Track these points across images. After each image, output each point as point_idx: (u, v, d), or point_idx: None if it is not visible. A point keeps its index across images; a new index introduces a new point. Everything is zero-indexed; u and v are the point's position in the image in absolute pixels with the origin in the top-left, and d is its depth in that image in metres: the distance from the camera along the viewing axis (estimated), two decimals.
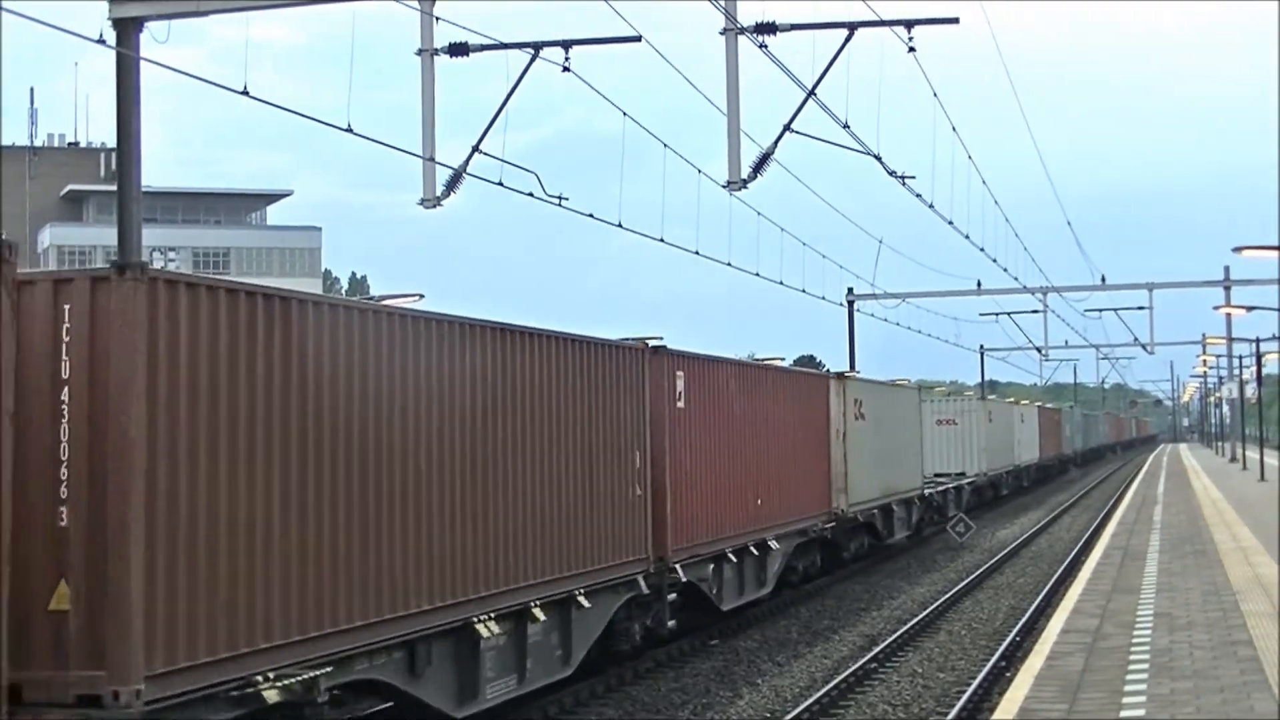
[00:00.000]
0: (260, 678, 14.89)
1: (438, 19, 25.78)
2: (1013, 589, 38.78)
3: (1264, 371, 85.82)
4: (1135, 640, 21.20)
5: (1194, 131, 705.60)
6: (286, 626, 15.44)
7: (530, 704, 22.32)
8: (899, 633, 30.39)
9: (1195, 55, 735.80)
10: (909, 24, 25.81)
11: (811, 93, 26.49)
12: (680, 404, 27.40)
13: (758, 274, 40.56)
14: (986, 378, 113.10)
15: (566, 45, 25.39)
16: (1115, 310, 74.17)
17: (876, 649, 28.34)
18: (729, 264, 36.35)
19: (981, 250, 47.83)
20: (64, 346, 13.76)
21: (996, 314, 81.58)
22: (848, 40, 26.21)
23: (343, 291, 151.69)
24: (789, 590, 36.46)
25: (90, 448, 13.60)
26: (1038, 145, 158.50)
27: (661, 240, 30.34)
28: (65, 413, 13.68)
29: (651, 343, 27.05)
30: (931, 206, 36.74)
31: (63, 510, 13.57)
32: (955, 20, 25.90)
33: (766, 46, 25.12)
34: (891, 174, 31.65)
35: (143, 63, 22.12)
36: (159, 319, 13.98)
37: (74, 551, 13.47)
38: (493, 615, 19.83)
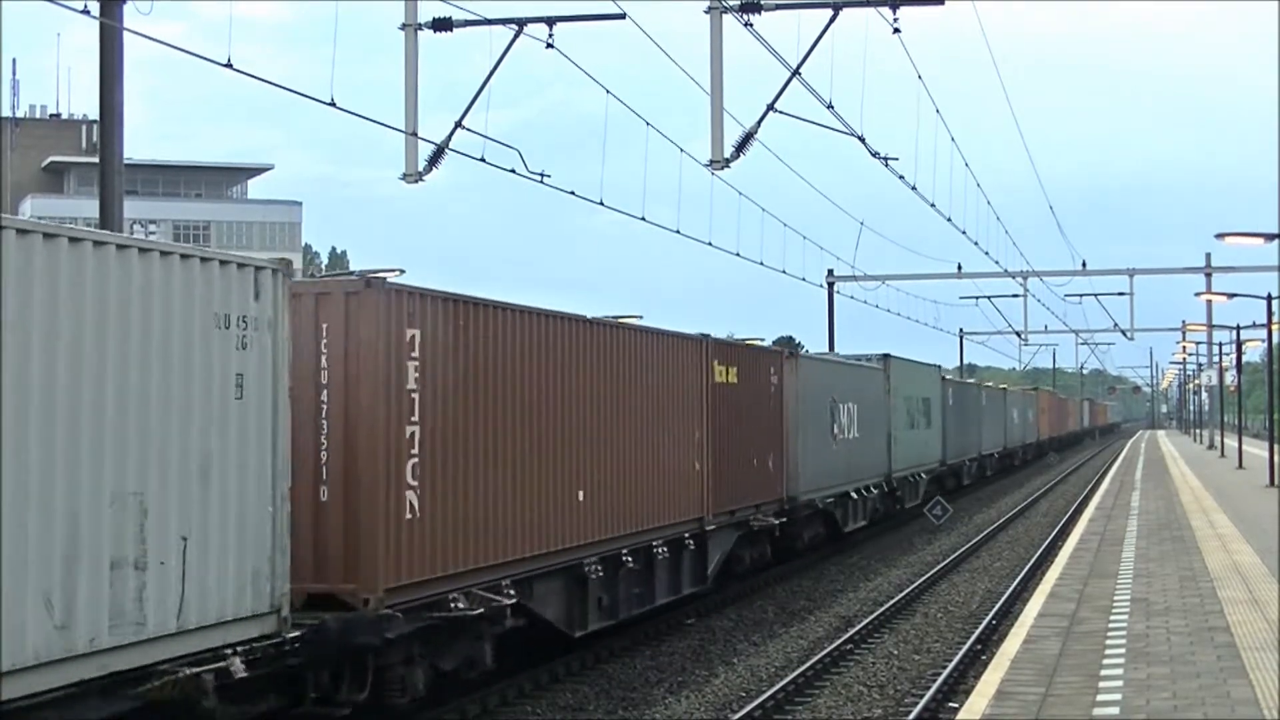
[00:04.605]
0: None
1: None
2: (989, 572, 38.81)
3: (1244, 359, 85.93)
4: (1112, 625, 21.20)
5: (1178, 119, 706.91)
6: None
7: (505, 681, 22.33)
8: (875, 614, 30.39)
9: (1181, 44, 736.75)
10: (894, 4, 25.75)
11: (796, 72, 26.44)
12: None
13: (738, 254, 40.53)
14: (966, 361, 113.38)
15: (550, 22, 25.35)
16: (1096, 295, 74.34)
17: (852, 630, 28.35)
18: (710, 244, 36.35)
19: (963, 233, 47.92)
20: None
21: (977, 297, 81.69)
22: (832, 20, 26.17)
23: (322, 266, 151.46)
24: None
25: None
26: (1021, 129, 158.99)
27: (643, 219, 30.33)
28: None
29: (630, 321, 27.13)
30: (914, 189, 36.73)
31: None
32: (940, 1, 25.85)
33: (751, 25, 25.08)
34: (874, 155, 31.61)
35: (126, 35, 21.99)
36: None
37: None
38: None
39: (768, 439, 34.37)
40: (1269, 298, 59.71)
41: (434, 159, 26.51)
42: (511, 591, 20.77)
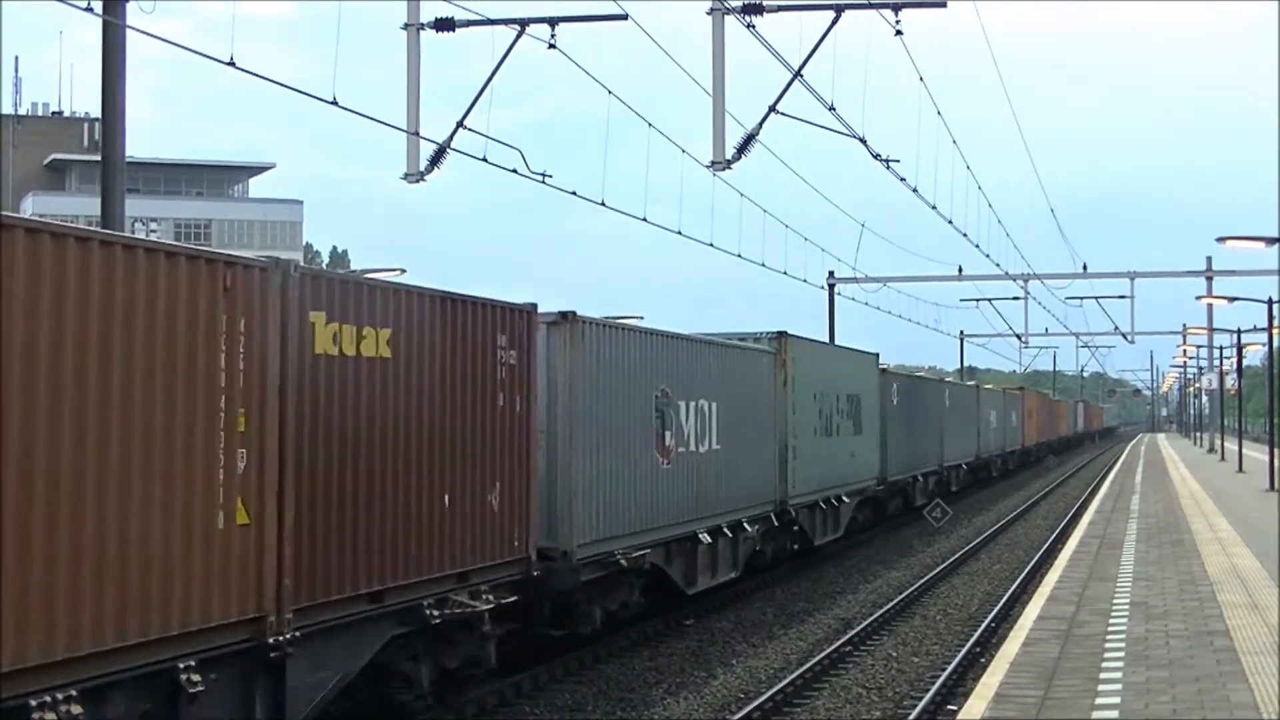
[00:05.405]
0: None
1: None
2: (989, 575, 38.77)
3: (1244, 362, 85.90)
4: (1111, 628, 21.19)
5: (1180, 121, 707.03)
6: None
7: (504, 680, 22.31)
8: (874, 616, 30.37)
9: (1183, 46, 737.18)
10: (896, 6, 25.78)
11: (798, 74, 26.46)
12: None
13: (739, 255, 40.56)
14: (966, 364, 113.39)
15: (553, 22, 25.38)
16: (1096, 298, 74.43)
17: (851, 632, 28.33)
18: (711, 244, 36.38)
19: (964, 235, 47.97)
20: None
21: (977, 300, 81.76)
22: (835, 22, 26.20)
23: (323, 265, 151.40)
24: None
25: None
26: (1023, 131, 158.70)
27: (644, 219, 30.36)
28: None
29: (629, 321, 26.93)
30: (915, 190, 36.77)
31: None
32: (943, 4, 25.89)
33: (754, 26, 25.11)
34: (876, 157, 31.64)
35: (129, 32, 22.01)
36: None
37: None
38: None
39: (489, 459, 20.19)
40: (1270, 301, 59.67)
41: (436, 159, 26.55)
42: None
